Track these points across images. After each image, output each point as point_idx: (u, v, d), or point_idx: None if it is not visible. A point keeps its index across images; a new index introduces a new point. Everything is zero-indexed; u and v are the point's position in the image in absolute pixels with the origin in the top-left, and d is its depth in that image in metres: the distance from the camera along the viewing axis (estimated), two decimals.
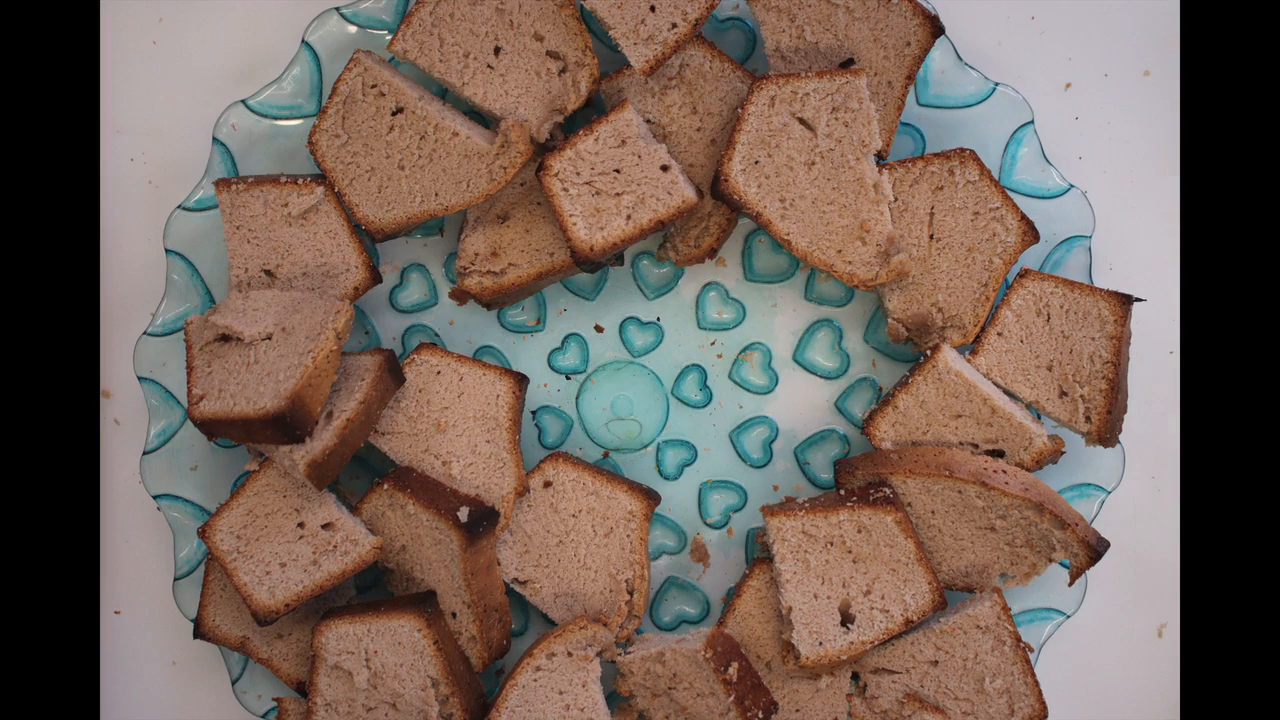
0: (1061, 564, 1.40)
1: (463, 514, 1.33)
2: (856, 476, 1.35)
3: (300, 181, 1.36)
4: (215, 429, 1.29)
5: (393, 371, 1.36)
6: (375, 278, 1.38)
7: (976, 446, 1.36)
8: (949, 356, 1.35)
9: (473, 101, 1.35)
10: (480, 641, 1.37)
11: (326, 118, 1.35)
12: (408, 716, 1.33)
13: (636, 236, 1.33)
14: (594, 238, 1.32)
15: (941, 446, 1.35)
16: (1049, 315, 1.36)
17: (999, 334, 1.37)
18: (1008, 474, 1.32)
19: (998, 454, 1.36)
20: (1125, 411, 1.36)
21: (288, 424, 1.26)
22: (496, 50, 1.35)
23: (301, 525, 1.35)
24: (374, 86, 1.34)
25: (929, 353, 1.36)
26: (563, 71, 1.35)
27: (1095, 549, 1.32)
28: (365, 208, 1.36)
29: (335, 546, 1.34)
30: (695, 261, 1.40)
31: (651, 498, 1.40)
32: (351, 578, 1.38)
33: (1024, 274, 1.37)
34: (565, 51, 1.35)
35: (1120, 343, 1.33)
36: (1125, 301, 1.34)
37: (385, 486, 1.36)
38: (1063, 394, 1.35)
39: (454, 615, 1.37)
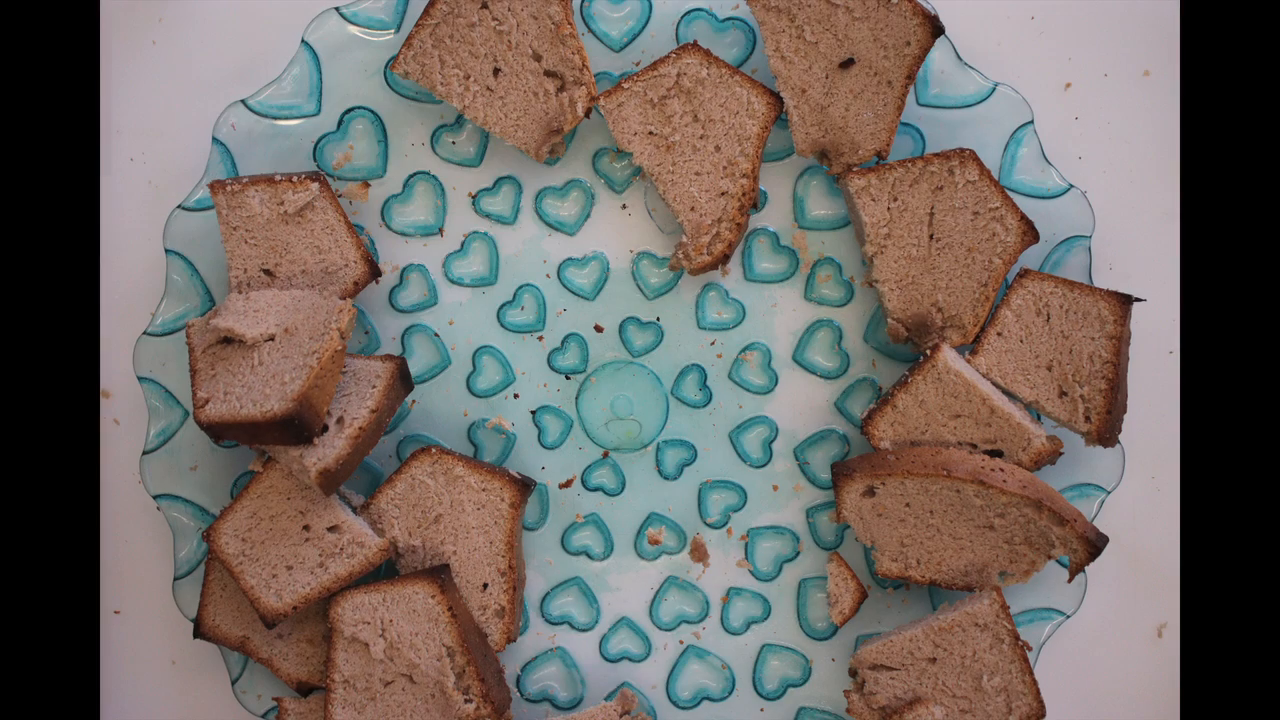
0: (1060, 561, 1.41)
1: (514, 472, 1.36)
2: (854, 478, 1.35)
3: (295, 179, 1.36)
4: (221, 432, 1.29)
5: (403, 378, 1.36)
6: (375, 272, 1.38)
7: (975, 447, 1.36)
8: (948, 356, 1.35)
9: (475, 123, 1.37)
10: (509, 614, 1.38)
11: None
12: (425, 689, 1.34)
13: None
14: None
15: (939, 446, 1.36)
16: (1049, 315, 1.36)
17: (999, 334, 1.37)
18: (1005, 472, 1.32)
19: (996, 454, 1.36)
20: (1125, 411, 1.36)
21: (296, 425, 1.27)
22: (495, 72, 1.35)
23: (307, 528, 1.35)
24: None
25: (929, 352, 1.36)
26: (560, 90, 1.36)
27: (1094, 544, 1.32)
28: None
29: (342, 549, 1.34)
30: (708, 269, 1.39)
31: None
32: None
33: (1024, 274, 1.37)
34: (562, 70, 1.35)
35: (1120, 343, 1.34)
36: (1125, 301, 1.34)
37: (432, 451, 1.38)
38: (1062, 394, 1.35)
39: (485, 586, 1.38)
